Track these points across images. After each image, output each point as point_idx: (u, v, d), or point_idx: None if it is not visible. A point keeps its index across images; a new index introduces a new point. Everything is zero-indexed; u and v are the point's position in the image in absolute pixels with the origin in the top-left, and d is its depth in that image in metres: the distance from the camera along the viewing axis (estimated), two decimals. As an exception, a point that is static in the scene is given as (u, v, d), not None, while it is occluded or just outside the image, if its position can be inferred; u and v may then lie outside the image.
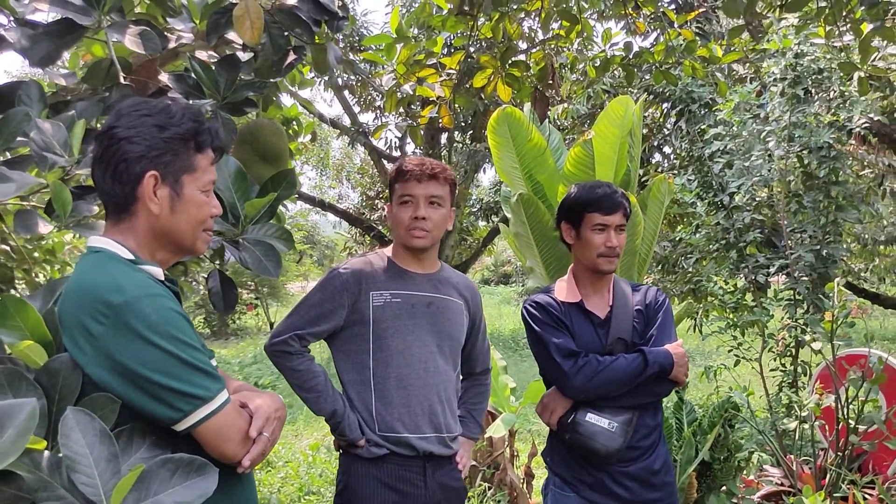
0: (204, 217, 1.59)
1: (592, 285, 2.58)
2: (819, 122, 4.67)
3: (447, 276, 2.57)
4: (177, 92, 1.96)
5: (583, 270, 2.58)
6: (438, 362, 2.44)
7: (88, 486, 1.21)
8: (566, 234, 2.58)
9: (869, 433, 3.76)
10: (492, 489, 5.12)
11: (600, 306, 2.56)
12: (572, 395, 2.44)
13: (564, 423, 2.45)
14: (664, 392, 2.54)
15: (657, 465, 2.51)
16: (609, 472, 2.46)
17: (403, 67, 3.98)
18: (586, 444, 2.40)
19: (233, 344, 15.00)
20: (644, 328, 2.55)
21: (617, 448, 2.40)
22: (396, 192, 2.44)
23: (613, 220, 2.48)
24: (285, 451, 6.57)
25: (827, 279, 4.54)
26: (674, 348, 2.46)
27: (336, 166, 22.10)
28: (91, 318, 1.39)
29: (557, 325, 2.49)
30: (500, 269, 33.05)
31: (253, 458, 1.51)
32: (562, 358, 2.41)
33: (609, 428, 2.39)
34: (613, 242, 2.48)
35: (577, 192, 2.56)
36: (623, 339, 2.50)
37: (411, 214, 2.40)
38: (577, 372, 2.38)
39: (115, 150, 1.48)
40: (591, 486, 2.47)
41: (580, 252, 2.55)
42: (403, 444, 2.36)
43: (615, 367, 2.38)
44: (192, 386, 1.42)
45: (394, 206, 2.46)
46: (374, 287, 2.40)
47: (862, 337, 3.68)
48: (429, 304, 2.45)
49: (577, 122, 8.28)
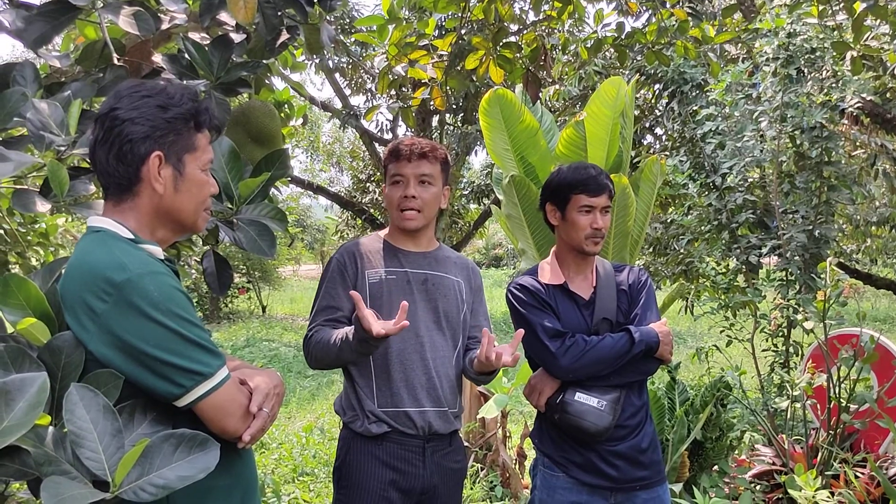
0: (205, 196, 1.61)
1: (576, 266, 2.60)
2: (811, 103, 4.69)
3: (445, 254, 2.58)
4: (170, 73, 1.96)
5: (567, 252, 2.59)
6: (436, 338, 2.46)
7: (93, 460, 1.22)
8: (551, 215, 2.59)
9: (860, 412, 3.80)
10: (484, 470, 5.16)
11: (584, 287, 2.58)
12: (560, 376, 2.46)
13: (553, 404, 2.47)
14: (651, 370, 2.56)
15: (644, 443, 2.53)
16: (598, 452, 2.48)
17: (395, 49, 3.97)
18: (576, 424, 2.42)
19: (225, 327, 15.01)
20: (628, 308, 2.57)
21: (606, 426, 2.42)
22: (389, 173, 2.47)
23: (600, 202, 2.50)
24: (279, 432, 6.60)
25: (819, 259, 4.58)
26: (659, 326, 2.48)
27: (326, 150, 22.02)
28: (94, 295, 1.40)
29: (543, 307, 2.50)
30: (492, 252, 33.07)
31: (253, 434, 1.53)
32: (548, 339, 2.43)
33: (598, 406, 2.41)
34: (599, 224, 2.50)
35: (562, 173, 2.56)
36: (608, 319, 2.52)
37: (401, 194, 2.42)
38: (565, 352, 2.41)
39: (118, 131, 1.49)
40: (579, 466, 2.50)
41: (565, 233, 2.56)
42: (404, 418, 2.38)
43: (602, 347, 2.41)
44: (193, 362, 1.44)
45: (386, 186, 2.49)
46: (369, 266, 2.43)
47: (854, 317, 3.72)
48: (424, 280, 2.47)
49: (569, 104, 8.28)
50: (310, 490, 5.02)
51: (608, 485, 2.48)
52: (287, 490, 4.86)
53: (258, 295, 18.26)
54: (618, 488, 2.50)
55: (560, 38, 5.07)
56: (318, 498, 4.85)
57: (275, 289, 19.50)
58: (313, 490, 5.02)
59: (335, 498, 2.46)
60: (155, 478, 1.23)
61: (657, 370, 2.65)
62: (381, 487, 2.36)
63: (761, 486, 4.02)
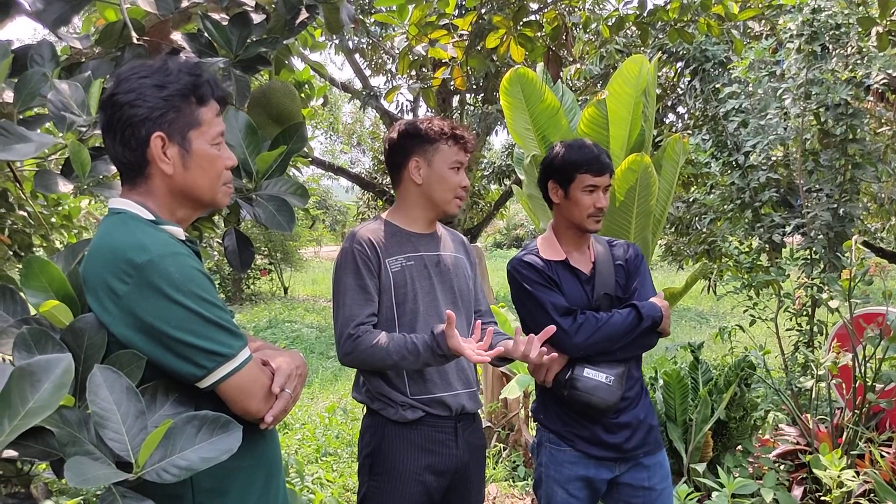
0: (219, 170, 1.58)
1: (575, 243, 2.62)
2: (836, 79, 4.60)
3: (442, 233, 2.57)
4: (190, 51, 1.95)
5: (566, 228, 2.61)
6: (460, 318, 2.45)
7: (116, 441, 1.23)
8: (553, 192, 2.60)
9: (886, 391, 3.77)
10: (507, 450, 5.18)
11: (584, 263, 2.61)
12: (573, 353, 2.47)
13: (561, 380, 2.49)
14: (653, 343, 2.61)
15: (643, 413, 2.59)
16: (602, 424, 2.52)
17: (416, 29, 3.94)
18: (586, 400, 2.45)
19: (247, 309, 15.10)
20: (626, 282, 2.61)
21: (614, 401, 2.46)
22: (446, 154, 2.40)
23: (603, 182, 2.53)
24: (302, 413, 6.64)
25: (843, 238, 4.51)
26: (659, 301, 2.54)
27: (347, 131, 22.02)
28: (115, 277, 1.40)
29: (549, 284, 2.52)
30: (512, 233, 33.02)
31: (276, 415, 1.52)
32: (559, 316, 2.45)
33: (607, 382, 2.45)
34: (602, 203, 2.53)
35: (565, 152, 2.57)
36: (608, 294, 2.56)
37: (461, 183, 2.41)
38: (578, 329, 2.43)
39: (119, 116, 1.48)
40: (585, 439, 2.53)
41: (567, 211, 2.57)
42: (438, 403, 2.37)
43: (613, 323, 2.45)
44: (214, 343, 1.44)
45: (440, 166, 2.40)
46: (388, 254, 2.37)
47: (879, 295, 3.67)
48: (437, 262, 2.45)
49: (590, 83, 8.20)
50: (333, 470, 5.05)
51: (614, 455, 2.54)
52: (311, 470, 4.90)
53: (280, 276, 18.36)
54: (622, 458, 2.55)
55: (581, 16, 5.02)
56: (341, 478, 4.88)
57: (296, 270, 19.58)
58: (336, 470, 5.06)
59: (369, 486, 2.41)
60: (178, 459, 1.24)
61: (657, 343, 2.68)
62: (417, 472, 2.35)
63: (785, 466, 4.00)
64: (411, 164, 2.41)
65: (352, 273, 2.33)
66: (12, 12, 1.80)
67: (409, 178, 2.42)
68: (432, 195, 2.42)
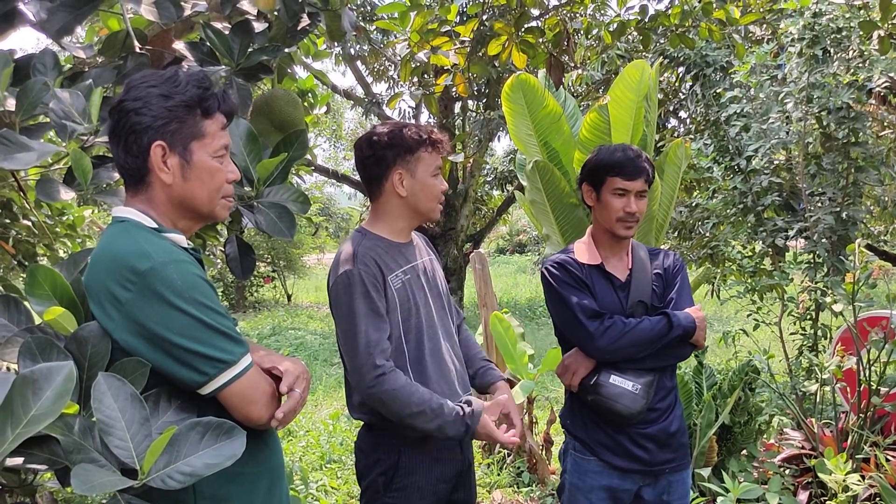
0: (219, 183, 1.58)
1: (611, 248, 2.58)
2: (838, 83, 4.61)
3: (414, 238, 2.52)
4: (191, 59, 1.96)
5: (602, 233, 2.57)
6: (447, 324, 2.44)
7: (121, 448, 1.23)
8: (587, 195, 2.57)
9: (891, 395, 3.76)
10: (511, 456, 5.17)
11: (620, 269, 2.56)
12: (597, 357, 2.44)
13: (587, 385, 2.46)
14: (685, 355, 2.55)
15: (674, 426, 2.53)
16: (628, 434, 2.48)
17: (417, 36, 3.95)
18: (610, 406, 2.41)
19: (251, 316, 15.12)
20: (663, 291, 2.55)
21: (639, 410, 2.41)
22: (428, 162, 2.32)
23: (635, 186, 2.47)
24: (306, 420, 6.64)
25: (847, 241, 4.51)
26: (695, 312, 2.47)
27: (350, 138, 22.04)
28: (118, 284, 1.41)
29: (579, 286, 2.48)
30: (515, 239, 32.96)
31: (286, 412, 1.53)
32: (587, 319, 2.41)
33: (632, 390, 2.40)
34: (633, 208, 2.46)
35: (600, 154, 2.54)
36: (643, 302, 2.50)
37: (442, 188, 2.36)
38: (604, 333, 2.39)
39: (124, 122, 1.49)
40: (611, 449, 2.49)
41: (600, 215, 2.54)
42: None
43: (640, 329, 2.39)
44: (216, 350, 1.45)
45: (423, 175, 2.32)
46: (388, 271, 2.28)
47: (883, 298, 3.66)
48: (424, 269, 2.42)
49: (592, 88, 8.21)
50: (337, 477, 5.05)
51: (639, 468, 2.49)
52: (315, 477, 4.90)
53: (283, 284, 18.37)
54: (648, 471, 2.50)
55: (583, 22, 5.02)
56: (345, 485, 4.88)
57: (300, 277, 19.60)
58: (341, 477, 5.05)
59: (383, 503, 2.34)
60: (182, 465, 1.24)
61: (690, 355, 2.63)
62: (433, 484, 2.34)
63: (790, 471, 3.98)
64: (394, 177, 2.31)
65: (362, 296, 2.20)
66: (16, 22, 1.81)
67: (392, 191, 2.33)
68: (417, 205, 2.34)
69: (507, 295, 17.06)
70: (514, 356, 4.83)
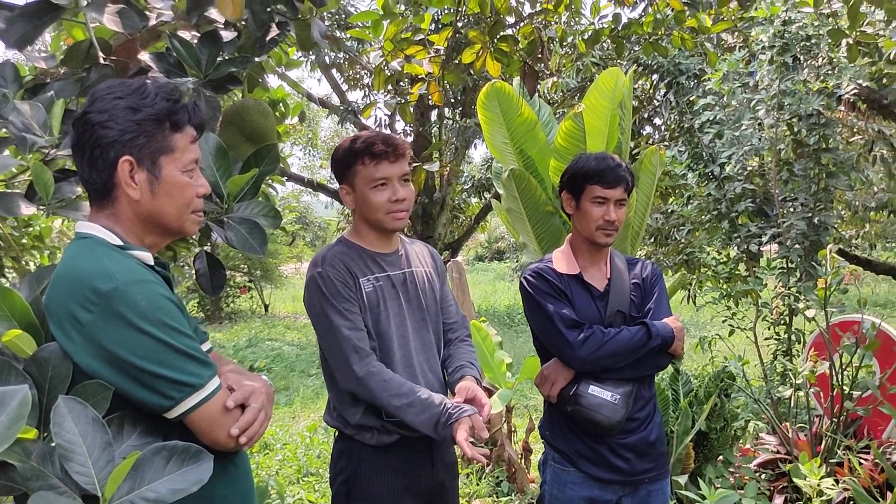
0: (189, 198, 1.54)
1: (590, 257, 2.57)
2: (808, 90, 4.65)
3: (408, 248, 2.50)
4: (157, 71, 1.93)
5: (581, 242, 2.57)
6: (425, 337, 2.41)
7: (82, 474, 1.19)
8: (566, 203, 2.56)
9: (863, 399, 3.78)
10: (490, 465, 5.14)
11: (598, 278, 2.56)
12: (576, 367, 2.43)
13: (566, 396, 2.45)
14: (663, 364, 2.55)
15: (653, 436, 2.52)
16: (608, 445, 2.47)
17: (391, 44, 3.93)
18: (590, 417, 2.41)
19: (227, 327, 14.97)
20: (641, 301, 2.55)
21: (619, 420, 2.40)
22: (364, 175, 2.28)
23: (614, 194, 2.46)
24: (282, 433, 6.58)
25: (819, 247, 4.55)
26: (673, 321, 2.48)
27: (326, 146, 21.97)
28: (79, 305, 1.37)
29: (558, 296, 2.47)
30: (494, 246, 33.01)
31: (241, 427, 1.47)
32: (566, 328, 2.40)
33: (612, 400, 2.39)
34: (612, 216, 2.45)
35: (580, 162, 2.53)
36: (622, 312, 2.50)
37: (390, 197, 2.28)
38: (583, 343, 2.38)
39: (89, 135, 1.44)
40: (590, 460, 2.48)
41: (579, 223, 2.53)
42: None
43: (620, 339, 2.39)
44: (182, 373, 1.40)
45: (362, 188, 2.29)
46: (360, 273, 2.30)
47: (855, 303, 3.69)
48: (403, 281, 2.39)
49: (568, 96, 8.24)
50: (315, 490, 5.00)
51: (619, 478, 2.48)
52: (292, 491, 4.85)
53: (260, 294, 18.22)
54: (627, 481, 2.49)
55: (557, 30, 5.03)
56: (323, 498, 4.83)
57: (277, 287, 19.45)
58: (318, 490, 5.00)
59: None
60: (146, 491, 1.20)
61: (668, 365, 2.63)
62: (395, 496, 2.31)
63: (766, 475, 4.00)
64: (343, 193, 2.36)
65: (332, 295, 2.23)
66: (-25, 33, 1.77)
67: (350, 204, 2.36)
68: (367, 217, 2.33)
69: (485, 302, 17.05)
70: (492, 365, 4.80)
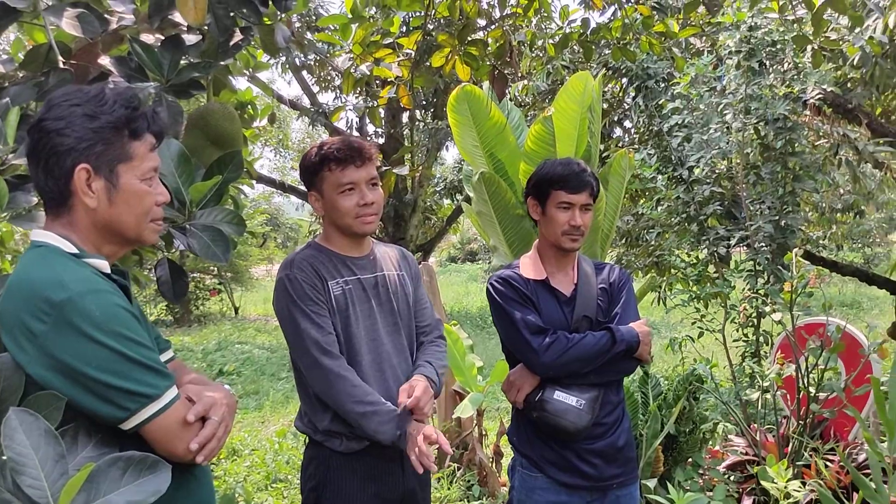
0: (147, 206, 1.52)
1: (557, 262, 2.57)
2: (774, 94, 4.71)
3: (381, 251, 2.52)
4: (119, 75, 1.89)
5: (548, 247, 2.57)
6: (397, 342, 2.41)
7: (35, 488, 1.17)
8: (532, 209, 2.57)
9: (829, 401, 3.81)
10: (461, 469, 5.13)
11: (565, 283, 2.56)
12: (541, 372, 2.43)
13: (532, 402, 2.45)
14: (630, 370, 2.56)
15: (621, 441, 2.53)
16: (575, 450, 2.47)
17: (360, 48, 3.91)
18: (555, 423, 2.40)
19: (196, 330, 14.81)
20: (608, 306, 2.56)
21: (585, 425, 2.41)
22: (331, 181, 2.30)
23: (579, 199, 2.46)
24: (251, 438, 6.51)
25: (786, 249, 4.60)
26: (639, 326, 2.47)
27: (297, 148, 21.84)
28: (32, 316, 1.34)
29: (524, 302, 2.47)
30: (467, 247, 33.05)
31: (201, 442, 1.45)
32: (531, 334, 2.40)
33: (577, 405, 2.40)
34: (578, 221, 2.46)
35: (544, 168, 2.54)
36: (588, 317, 2.50)
37: (358, 202, 2.29)
38: (547, 348, 2.38)
39: (45, 143, 1.41)
40: (557, 466, 2.48)
41: (545, 228, 2.54)
42: None
43: (584, 344, 2.39)
44: (138, 384, 1.38)
45: (329, 194, 2.32)
46: (329, 276, 2.31)
47: (821, 306, 3.73)
48: (375, 284, 2.40)
49: (538, 99, 8.26)
50: (283, 497, 4.95)
51: (586, 484, 2.48)
52: (260, 498, 4.80)
53: (230, 296, 18.05)
54: (595, 487, 2.49)
55: (527, 34, 5.05)
56: (291, 504, 4.80)
57: (247, 290, 19.31)
58: (287, 497, 4.96)
59: None
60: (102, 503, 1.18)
61: (635, 369, 2.64)
62: (365, 502, 2.30)
63: (735, 477, 4.02)
64: (312, 199, 2.39)
65: (300, 298, 2.25)
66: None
67: (320, 210, 2.39)
68: (336, 222, 2.35)
69: (458, 304, 17.05)
70: (463, 369, 4.80)
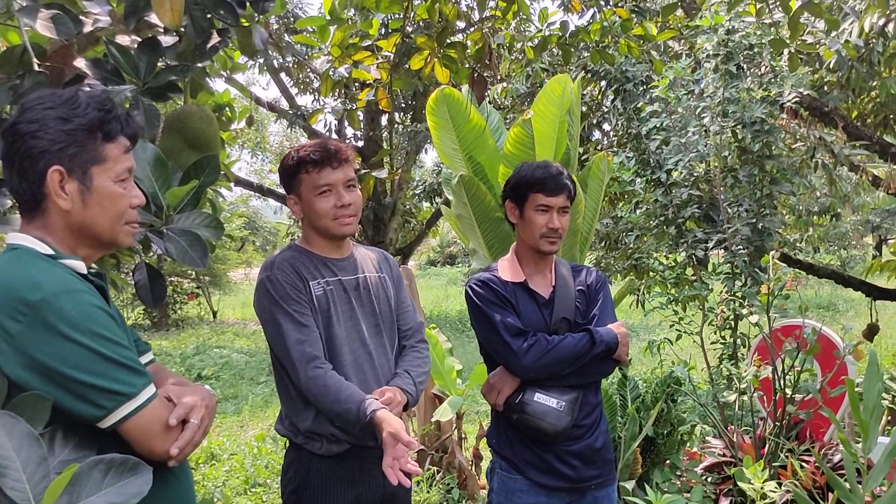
0: (121, 209, 1.52)
1: (535, 265, 2.59)
2: (751, 98, 4.75)
3: (362, 253, 2.53)
4: (94, 78, 1.88)
5: (526, 250, 2.58)
6: (378, 343, 2.42)
7: (17, 490, 1.18)
8: (510, 212, 2.58)
9: (805, 402, 3.85)
10: (440, 472, 5.13)
11: (543, 286, 2.57)
12: (521, 375, 2.44)
13: (512, 404, 2.46)
14: (608, 371, 2.57)
15: (599, 442, 2.55)
16: (554, 452, 2.48)
17: (338, 50, 3.90)
18: (535, 425, 2.41)
19: (174, 335, 14.70)
20: (586, 308, 2.58)
21: (565, 427, 2.42)
22: (308, 183, 2.32)
23: (557, 202, 2.48)
24: (230, 443, 6.47)
25: (763, 252, 4.64)
26: (617, 328, 2.49)
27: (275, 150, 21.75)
28: (8, 316, 1.34)
29: (503, 304, 2.48)
30: (446, 251, 33.08)
31: (181, 447, 1.46)
32: (510, 337, 2.41)
33: (557, 407, 2.41)
34: (555, 224, 2.48)
35: (522, 171, 2.55)
36: (567, 319, 2.52)
37: (335, 203, 2.31)
38: (527, 351, 2.39)
39: (18, 146, 1.42)
40: (537, 467, 2.49)
41: (523, 231, 2.55)
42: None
43: (564, 346, 2.40)
44: (115, 382, 1.39)
45: (308, 197, 2.34)
46: (310, 276, 2.33)
47: (797, 308, 3.76)
48: (356, 286, 2.41)
49: (518, 101, 8.28)
50: (263, 501, 4.93)
51: (565, 485, 2.49)
52: (239, 502, 4.77)
53: (208, 300, 17.94)
54: (574, 488, 2.51)
55: (506, 37, 5.06)
56: (270, 508, 4.77)
57: (226, 293, 19.19)
58: (266, 501, 4.93)
59: None
60: (83, 506, 1.18)
61: (614, 370, 2.65)
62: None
63: (712, 478, 4.05)
64: (290, 202, 2.41)
65: (281, 299, 2.26)
66: None
67: (299, 213, 2.40)
68: (315, 224, 2.37)
69: (437, 308, 17.05)
70: (443, 372, 4.80)
